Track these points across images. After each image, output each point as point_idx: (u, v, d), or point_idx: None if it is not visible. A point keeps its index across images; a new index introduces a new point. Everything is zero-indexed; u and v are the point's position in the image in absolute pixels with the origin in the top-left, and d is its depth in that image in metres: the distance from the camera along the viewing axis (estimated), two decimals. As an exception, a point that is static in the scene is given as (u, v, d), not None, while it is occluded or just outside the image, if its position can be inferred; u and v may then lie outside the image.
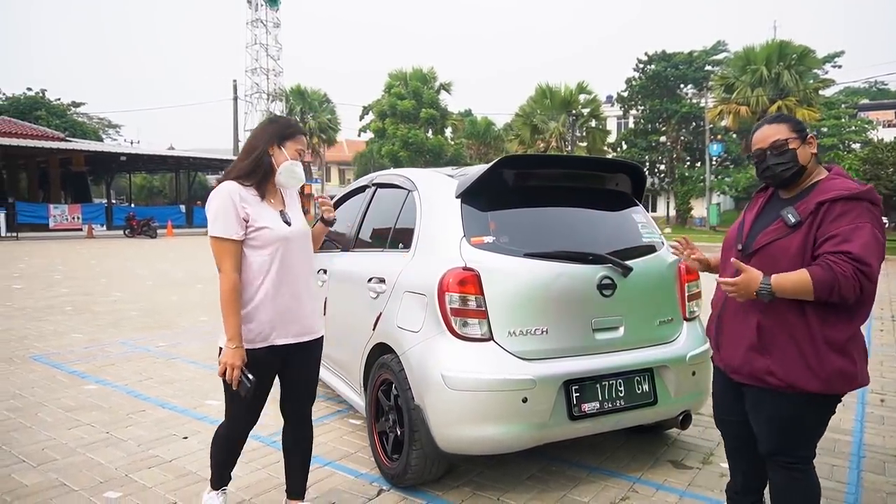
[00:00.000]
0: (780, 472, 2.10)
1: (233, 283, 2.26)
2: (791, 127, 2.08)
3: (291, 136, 2.37)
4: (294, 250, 2.40)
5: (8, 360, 5.35)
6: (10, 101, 42.21)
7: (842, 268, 1.83)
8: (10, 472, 3.07)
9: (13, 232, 23.96)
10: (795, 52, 25.46)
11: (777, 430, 2.06)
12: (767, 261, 1.99)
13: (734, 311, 2.12)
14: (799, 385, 1.96)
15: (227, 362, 2.23)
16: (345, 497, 2.86)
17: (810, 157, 2.07)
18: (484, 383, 2.60)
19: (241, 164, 2.36)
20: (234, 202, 2.28)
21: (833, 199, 1.92)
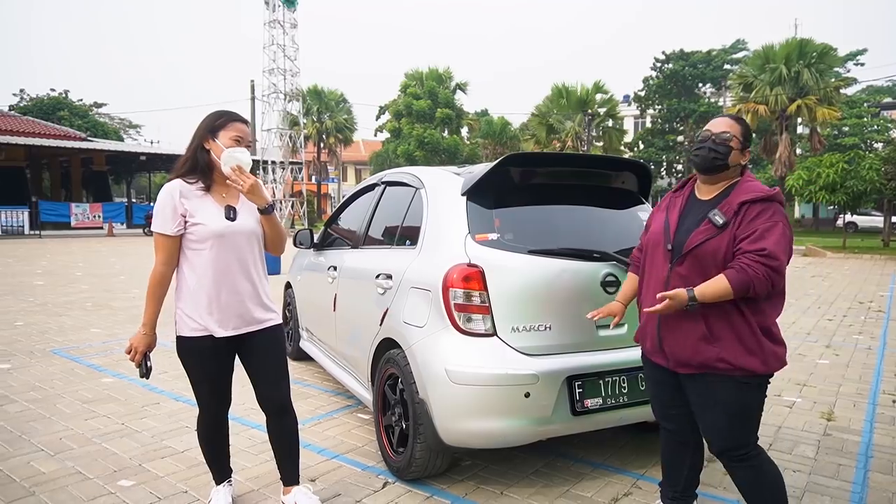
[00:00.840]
0: (741, 467, 2.21)
1: (160, 275, 2.41)
2: (742, 131, 2.27)
3: (222, 126, 2.40)
4: (233, 245, 2.42)
5: (29, 353, 5.50)
6: (35, 101, 43.09)
7: (754, 269, 2.01)
8: (29, 461, 3.17)
9: (36, 230, 24.48)
10: (816, 50, 25.06)
11: (730, 417, 2.17)
12: (701, 260, 2.15)
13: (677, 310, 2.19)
14: (746, 367, 2.11)
15: (133, 344, 2.42)
16: (351, 489, 2.92)
17: (738, 163, 2.26)
18: (486, 378, 2.63)
19: (180, 162, 2.44)
20: (174, 199, 2.37)
21: (752, 199, 2.12)
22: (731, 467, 2.24)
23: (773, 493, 2.20)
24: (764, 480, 2.19)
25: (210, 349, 2.44)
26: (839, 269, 13.67)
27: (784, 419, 3.91)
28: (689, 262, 2.18)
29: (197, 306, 2.41)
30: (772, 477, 2.20)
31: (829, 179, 17.90)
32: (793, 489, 2.93)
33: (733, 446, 2.19)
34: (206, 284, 2.40)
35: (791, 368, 5.17)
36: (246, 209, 2.50)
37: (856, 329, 6.88)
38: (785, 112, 24.98)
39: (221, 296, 2.41)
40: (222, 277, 2.41)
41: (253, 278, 2.51)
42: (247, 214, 2.49)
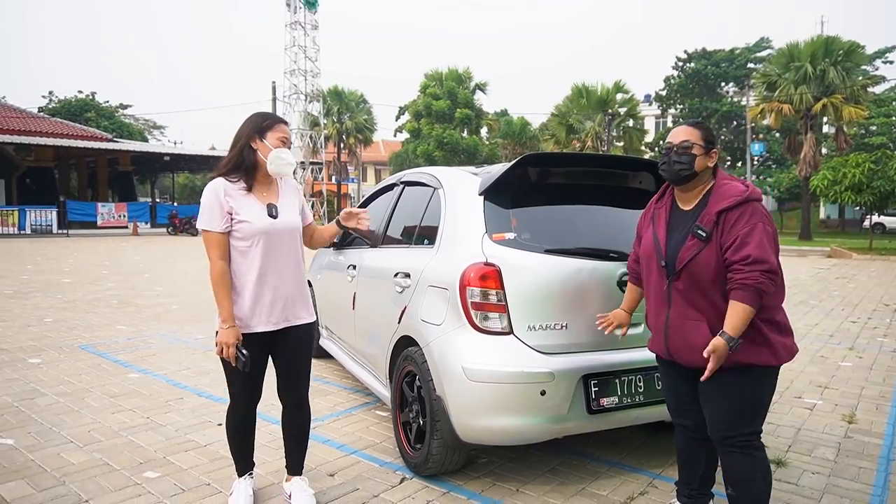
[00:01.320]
0: (740, 454, 2.23)
1: (220, 270, 2.44)
2: (702, 135, 2.30)
3: (270, 128, 2.48)
4: (276, 242, 2.51)
5: (58, 348, 5.65)
6: (63, 103, 44.03)
7: (753, 278, 2.07)
8: (59, 451, 3.27)
9: (64, 229, 25.02)
10: (842, 47, 24.55)
11: (739, 406, 2.21)
12: (695, 274, 2.21)
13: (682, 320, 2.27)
14: (758, 363, 2.16)
15: (221, 341, 2.43)
16: (369, 484, 2.97)
17: (706, 167, 2.29)
18: (503, 375, 2.66)
19: (226, 160, 2.51)
20: (219, 197, 2.44)
21: (728, 207, 2.16)
22: (730, 456, 2.25)
23: (763, 484, 2.23)
24: (758, 469, 2.22)
25: (253, 344, 2.50)
26: (865, 271, 13.42)
27: (804, 421, 3.88)
28: (685, 277, 2.23)
29: (240, 302, 2.47)
30: (763, 469, 2.24)
31: (855, 180, 17.55)
32: (811, 490, 2.92)
33: (740, 433, 2.21)
34: (251, 281, 2.47)
35: (813, 371, 5.11)
36: (286, 207, 2.58)
37: (881, 331, 6.77)
38: (810, 111, 24.53)
39: (265, 291, 2.49)
40: (266, 274, 2.49)
41: (295, 275, 2.60)
42: (287, 212, 2.57)
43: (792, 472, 3.12)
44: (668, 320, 2.31)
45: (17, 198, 27.60)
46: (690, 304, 2.23)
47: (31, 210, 24.89)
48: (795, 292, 9.85)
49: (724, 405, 2.23)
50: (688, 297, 2.23)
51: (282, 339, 2.60)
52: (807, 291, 9.99)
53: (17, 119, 29.74)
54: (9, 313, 7.41)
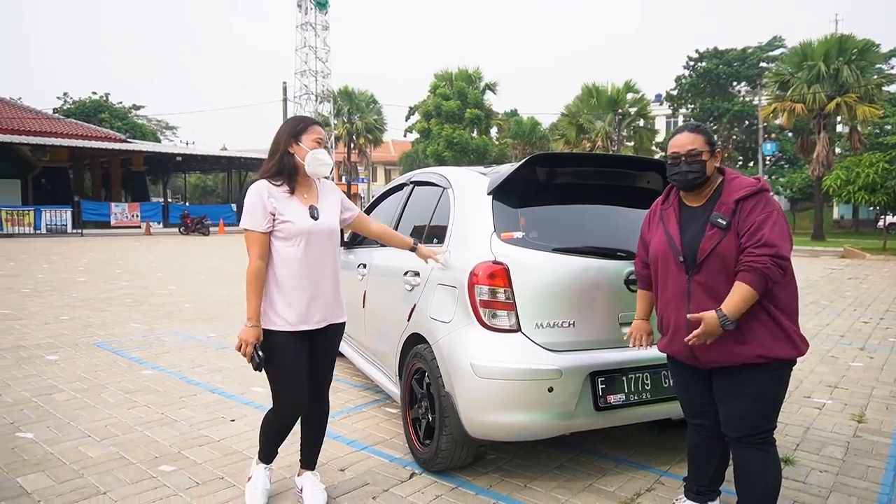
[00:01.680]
0: (756, 450, 2.26)
1: (256, 269, 2.49)
2: (706, 139, 2.33)
3: (304, 130, 2.56)
4: (317, 243, 2.58)
5: (74, 346, 5.75)
6: (77, 104, 44.55)
7: (761, 262, 2.10)
8: (77, 445, 3.35)
9: (78, 229, 25.32)
10: (857, 46, 24.30)
11: (760, 404, 2.23)
12: (717, 264, 2.22)
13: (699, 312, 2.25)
14: (782, 356, 2.20)
15: (242, 338, 2.48)
16: (378, 479, 3.01)
17: (714, 169, 2.35)
18: (511, 372, 2.70)
19: (268, 166, 2.58)
20: (263, 198, 2.50)
21: (746, 195, 2.22)
22: (744, 451, 2.28)
23: (773, 477, 2.25)
24: (770, 464, 2.25)
25: (293, 342, 2.55)
26: (879, 271, 13.31)
27: (813, 420, 3.88)
28: (706, 268, 2.25)
29: (285, 301, 2.52)
30: (776, 462, 2.28)
31: (868, 179, 17.40)
32: (819, 489, 2.94)
33: (757, 431, 2.24)
34: (294, 280, 2.53)
35: (823, 370, 5.10)
36: (326, 208, 2.65)
37: (893, 332, 6.73)
38: (823, 110, 24.31)
39: (307, 290, 2.55)
40: (308, 273, 2.55)
41: (333, 274, 2.67)
42: (327, 213, 2.65)
43: (800, 471, 3.13)
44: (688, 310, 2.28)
45: (32, 198, 27.97)
46: (711, 297, 2.22)
47: (47, 210, 25.20)
48: (807, 293, 9.80)
49: (745, 403, 2.24)
50: (709, 289, 2.23)
51: (320, 336, 2.66)
52: (819, 292, 9.94)
53: (33, 120, 30.14)
54: (26, 311, 7.54)
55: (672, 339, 2.42)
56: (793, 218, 34.80)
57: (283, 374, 2.56)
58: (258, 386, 4.53)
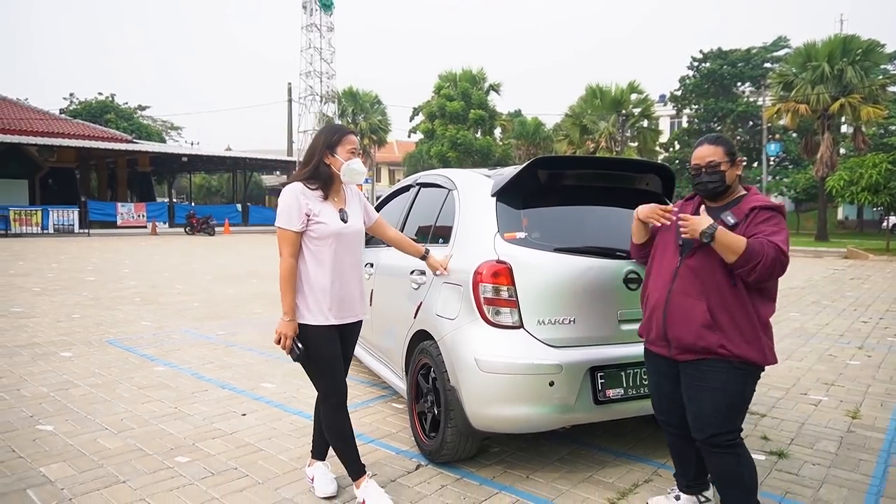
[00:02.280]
0: (726, 454, 2.34)
1: (289, 266, 2.63)
2: (725, 150, 2.44)
3: (339, 142, 2.70)
4: (346, 243, 2.73)
5: (87, 343, 5.89)
6: (83, 105, 44.83)
7: (769, 249, 2.21)
8: (95, 437, 3.48)
9: (85, 229, 25.55)
10: (861, 46, 24.30)
11: (723, 402, 2.34)
12: (710, 253, 2.33)
13: (683, 296, 2.39)
14: (745, 356, 2.30)
15: (281, 332, 2.62)
16: (386, 470, 3.13)
17: (735, 177, 2.48)
18: (513, 367, 2.81)
19: (304, 171, 2.72)
20: (298, 199, 2.64)
21: (762, 206, 2.35)
22: (714, 454, 2.36)
23: (750, 477, 2.34)
24: (743, 465, 2.34)
25: (328, 335, 2.69)
26: (881, 272, 13.36)
27: (809, 416, 3.98)
28: (699, 255, 2.37)
29: (317, 298, 2.66)
30: (749, 462, 2.35)
31: (871, 180, 17.44)
32: (811, 480, 3.04)
33: (722, 431, 2.32)
34: (326, 278, 2.66)
35: (820, 369, 5.19)
36: (353, 212, 2.80)
37: (892, 331, 6.81)
38: (827, 111, 24.33)
39: (337, 288, 2.69)
40: (338, 272, 2.69)
41: (359, 273, 2.82)
42: (355, 216, 2.80)
43: (793, 464, 3.23)
44: (670, 294, 2.42)
45: (39, 198, 28.22)
46: (695, 282, 2.35)
47: (54, 210, 25.45)
48: (809, 293, 9.88)
49: (710, 398, 2.33)
50: (696, 274, 2.35)
51: (347, 331, 2.81)
52: (820, 292, 10.01)
53: (41, 121, 30.39)
54: (38, 310, 7.69)
55: (648, 320, 2.54)
56: (797, 218, 34.78)
57: (323, 364, 2.69)
58: (268, 382, 4.66)
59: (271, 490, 2.88)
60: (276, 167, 38.19)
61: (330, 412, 2.75)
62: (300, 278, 2.67)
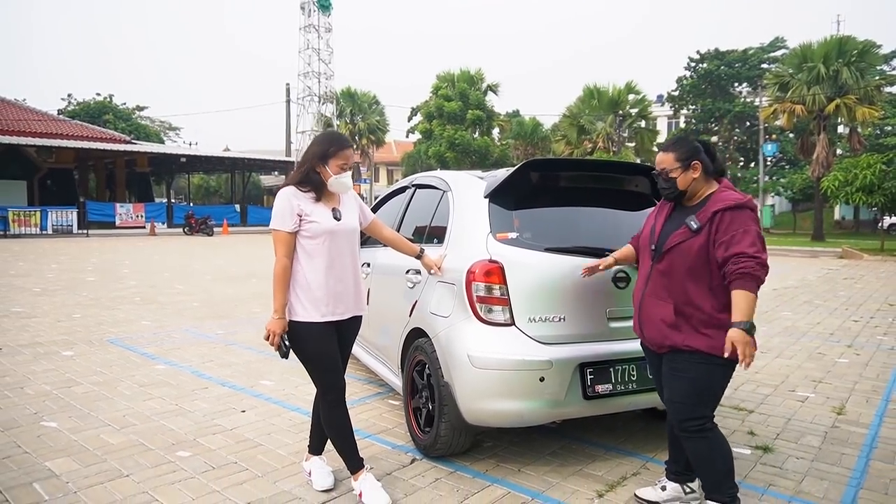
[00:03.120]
0: (697, 438, 2.46)
1: (283, 266, 2.72)
2: (676, 157, 2.54)
3: (333, 155, 2.77)
4: (340, 241, 2.82)
5: (88, 342, 5.97)
6: (82, 105, 44.88)
7: (747, 267, 2.29)
8: (98, 434, 3.56)
9: (84, 229, 25.59)
10: (856, 47, 24.47)
11: (692, 390, 2.44)
12: (676, 258, 2.47)
13: (653, 298, 2.54)
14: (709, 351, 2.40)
15: (270, 329, 2.71)
16: (382, 464, 3.22)
17: (691, 181, 2.53)
18: (505, 363, 2.90)
19: (297, 176, 2.81)
20: (290, 201, 2.74)
21: (724, 208, 2.40)
22: (687, 439, 2.49)
23: (723, 462, 2.45)
24: (715, 450, 2.45)
25: (323, 332, 2.77)
26: (875, 272, 13.48)
27: (795, 412, 4.08)
28: (667, 260, 2.51)
29: (312, 295, 2.74)
30: (722, 449, 2.46)
31: (866, 181, 17.56)
32: (794, 473, 3.13)
33: (690, 417, 2.44)
34: (321, 275, 2.75)
35: (809, 366, 5.29)
36: (347, 211, 2.89)
37: (881, 330, 6.92)
38: (823, 112, 24.50)
39: (331, 285, 2.77)
40: (332, 269, 2.78)
41: (355, 270, 2.90)
42: (349, 215, 2.89)
43: (777, 457, 3.32)
44: (643, 296, 2.60)
45: (38, 198, 28.26)
46: (664, 286, 2.51)
47: (53, 210, 25.50)
48: (802, 292, 9.99)
49: (680, 386, 2.47)
50: (665, 278, 2.50)
51: (344, 327, 2.89)
52: (813, 291, 10.12)
53: (39, 122, 30.44)
54: (39, 309, 7.77)
55: (635, 317, 2.70)
56: (793, 219, 34.96)
57: (318, 359, 2.78)
58: (266, 379, 4.74)
59: (270, 483, 2.97)
60: (275, 167, 38.24)
61: (329, 408, 2.83)
62: (295, 277, 2.75)
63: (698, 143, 2.60)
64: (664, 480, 2.81)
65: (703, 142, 2.64)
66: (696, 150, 2.55)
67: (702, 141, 2.64)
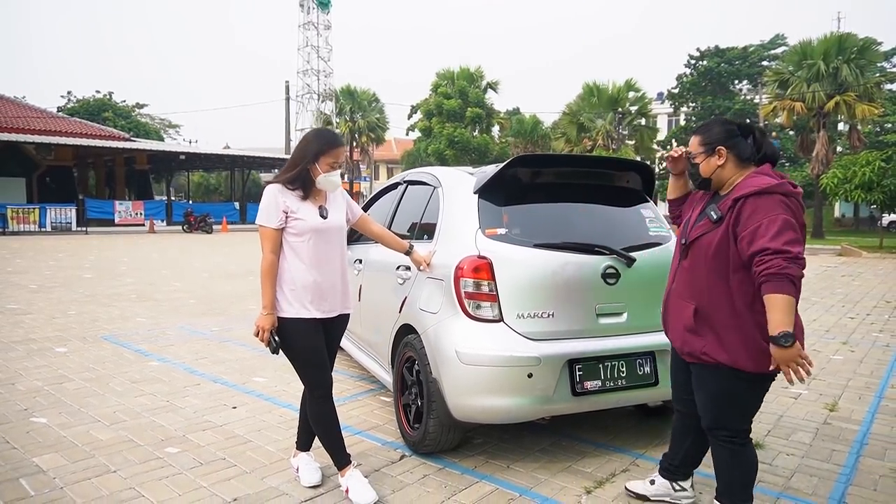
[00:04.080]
0: (722, 446, 2.34)
1: (269, 262, 2.71)
2: (700, 140, 2.37)
3: (323, 153, 2.75)
4: (326, 239, 2.81)
5: (82, 339, 5.97)
6: (81, 103, 44.83)
7: (776, 265, 1.99)
8: (88, 429, 3.56)
9: (83, 227, 25.58)
10: (856, 44, 24.38)
11: (715, 404, 2.32)
12: (698, 252, 2.31)
13: (677, 298, 2.41)
14: (727, 363, 2.22)
15: (259, 325, 2.71)
16: (371, 460, 3.21)
17: (715, 168, 2.33)
18: (493, 359, 2.89)
19: (287, 175, 2.79)
20: (276, 198, 2.73)
21: (745, 195, 2.14)
22: (713, 444, 2.41)
23: (742, 476, 2.34)
24: (738, 463, 2.33)
25: (309, 328, 2.76)
26: (873, 269, 13.46)
27: (787, 409, 4.07)
28: (692, 254, 2.33)
29: (298, 292, 2.73)
30: (746, 464, 2.33)
31: (865, 178, 17.54)
32: (784, 469, 3.13)
33: (718, 427, 2.34)
34: (306, 272, 2.74)
35: (803, 363, 5.27)
36: (334, 208, 2.87)
37: (877, 327, 6.90)
38: (822, 109, 24.44)
39: (317, 282, 2.76)
40: (319, 266, 2.77)
41: (342, 268, 2.89)
42: (335, 213, 2.87)
43: (767, 454, 3.32)
44: (669, 295, 2.48)
45: (37, 196, 28.24)
46: (688, 284, 2.32)
47: (52, 208, 25.47)
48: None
49: (702, 398, 2.38)
50: (689, 275, 2.32)
51: (332, 325, 2.88)
52: (810, 289, 10.10)
53: (38, 119, 30.40)
54: (34, 306, 7.76)
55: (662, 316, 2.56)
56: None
57: (305, 355, 2.77)
58: (259, 376, 4.74)
59: (258, 479, 2.97)
60: (274, 165, 38.18)
61: (316, 404, 2.82)
62: (282, 273, 2.75)
63: (734, 127, 2.35)
64: (654, 475, 2.80)
65: (745, 125, 2.37)
66: (726, 134, 2.32)
67: (743, 125, 2.37)
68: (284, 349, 2.77)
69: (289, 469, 3.06)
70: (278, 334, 2.74)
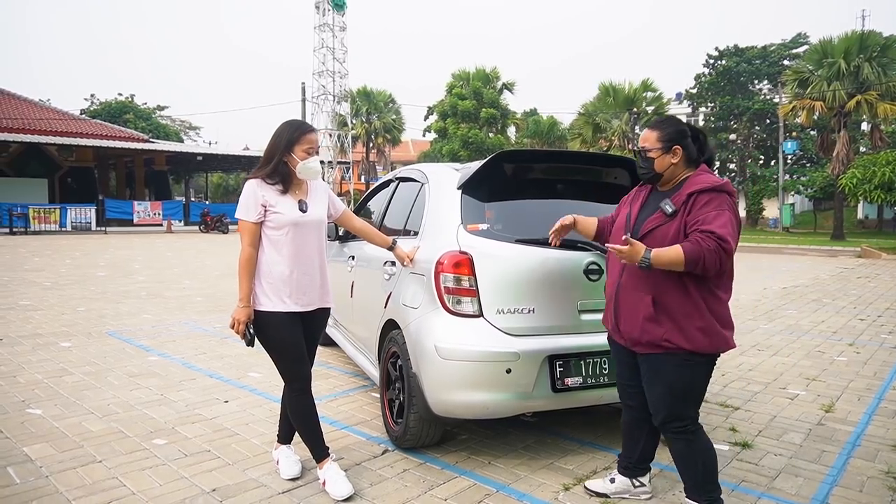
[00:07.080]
0: (677, 439, 2.39)
1: (247, 256, 2.74)
2: (658, 136, 2.42)
3: (296, 141, 2.77)
4: (305, 233, 2.82)
5: (87, 334, 6.07)
6: (104, 105, 45.67)
7: (707, 243, 2.17)
8: (80, 421, 3.62)
9: (102, 226, 26.04)
10: (878, 43, 23.93)
11: (671, 393, 2.35)
12: (652, 244, 2.34)
13: (630, 291, 2.43)
14: (687, 348, 2.31)
15: (235, 318, 2.73)
16: (353, 454, 3.23)
17: (669, 165, 2.44)
18: (471, 354, 2.89)
19: (265, 169, 2.80)
20: (255, 192, 2.76)
21: (700, 190, 2.30)
22: (669, 438, 2.44)
23: (704, 465, 2.38)
24: (696, 452, 2.38)
25: (287, 321, 2.78)
26: (891, 271, 13.17)
27: (782, 409, 4.00)
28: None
29: (276, 285, 2.76)
30: (703, 451, 2.39)
31: (884, 178, 17.16)
32: (769, 470, 3.08)
33: (672, 418, 2.38)
34: (284, 266, 2.77)
35: (805, 364, 5.19)
36: (314, 202, 2.89)
37: (887, 329, 6.76)
38: (843, 108, 24.01)
39: (295, 276, 2.79)
40: (297, 260, 2.79)
41: (320, 262, 2.91)
42: (315, 207, 2.89)
43: (755, 454, 3.27)
44: (618, 288, 2.49)
45: (59, 196, 28.82)
46: (641, 276, 2.37)
47: (72, 208, 25.97)
48: (812, 290, 9.80)
49: (659, 390, 2.39)
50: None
51: (310, 319, 2.90)
52: (823, 290, 9.92)
53: (60, 121, 31.01)
54: (45, 302, 7.92)
55: (606, 311, 2.62)
56: (815, 218, 34.30)
57: (283, 348, 2.79)
58: (255, 371, 4.78)
59: (239, 471, 3.00)
60: (291, 166, 38.48)
61: (294, 398, 2.84)
62: (260, 266, 2.77)
63: (686, 128, 2.47)
64: (614, 473, 2.79)
65: (694, 128, 2.50)
66: (682, 133, 2.43)
67: (692, 127, 2.51)
68: (262, 342, 2.80)
69: (271, 462, 3.09)
70: (256, 327, 2.77)
